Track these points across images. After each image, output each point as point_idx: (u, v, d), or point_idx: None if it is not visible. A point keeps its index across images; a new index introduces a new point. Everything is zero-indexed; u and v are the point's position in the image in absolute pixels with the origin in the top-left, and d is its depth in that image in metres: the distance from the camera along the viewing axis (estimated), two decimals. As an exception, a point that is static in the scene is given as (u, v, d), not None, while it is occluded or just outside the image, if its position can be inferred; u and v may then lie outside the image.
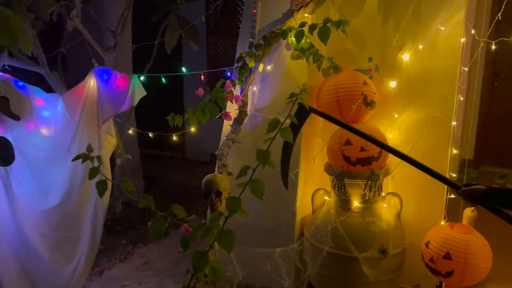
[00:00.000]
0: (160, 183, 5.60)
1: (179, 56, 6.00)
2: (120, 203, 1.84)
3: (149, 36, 3.80)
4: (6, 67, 2.71)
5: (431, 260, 2.30)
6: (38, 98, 2.68)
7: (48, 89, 2.87)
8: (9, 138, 2.53)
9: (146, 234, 4.13)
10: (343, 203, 2.56)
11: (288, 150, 2.36)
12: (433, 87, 2.65)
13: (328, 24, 2.38)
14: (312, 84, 2.70)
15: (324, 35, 2.37)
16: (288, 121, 1.99)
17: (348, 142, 2.48)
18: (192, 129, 2.71)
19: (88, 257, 2.87)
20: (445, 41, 2.59)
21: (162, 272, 3.40)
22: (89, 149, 1.68)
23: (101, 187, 1.71)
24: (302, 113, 2.10)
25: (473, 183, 1.71)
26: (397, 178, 2.66)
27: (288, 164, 2.39)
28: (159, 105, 5.18)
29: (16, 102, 2.55)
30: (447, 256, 2.22)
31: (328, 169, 2.62)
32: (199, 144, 6.36)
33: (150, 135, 3.11)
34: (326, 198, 2.70)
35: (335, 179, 2.55)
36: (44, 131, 2.70)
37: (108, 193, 2.77)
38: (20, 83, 2.61)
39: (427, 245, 2.33)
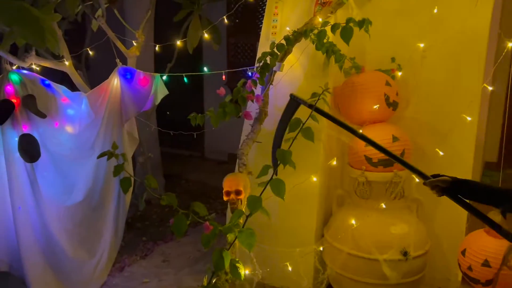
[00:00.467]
0: (179, 182, 5.66)
1: (200, 56, 6.04)
2: (143, 200, 1.86)
3: (170, 36, 3.84)
4: (33, 66, 2.77)
5: (469, 268, 2.21)
6: (63, 96, 2.74)
7: (72, 88, 2.93)
8: (35, 135, 2.60)
9: (166, 232, 4.18)
10: (365, 204, 2.54)
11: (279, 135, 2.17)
12: (457, 87, 2.60)
13: (351, 24, 2.36)
14: (333, 84, 2.69)
15: (346, 35, 2.35)
16: (309, 122, 2.00)
17: (370, 143, 2.45)
18: (213, 128, 2.73)
19: (110, 253, 2.93)
20: (470, 40, 2.55)
21: (181, 270, 3.43)
22: (115, 146, 1.71)
23: (125, 184, 1.74)
24: (292, 106, 2.06)
25: (441, 174, 1.73)
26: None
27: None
28: (179, 104, 5.24)
29: (43, 100, 2.61)
30: (485, 264, 2.15)
31: (349, 169, 2.61)
32: (217, 144, 6.39)
33: (171, 133, 3.14)
34: (347, 199, 2.68)
35: (356, 180, 2.53)
36: (69, 128, 2.76)
37: (130, 190, 2.81)
38: (47, 82, 2.68)
39: (463, 253, 2.26)
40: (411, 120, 2.72)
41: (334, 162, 2.60)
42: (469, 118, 2.52)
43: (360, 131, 2.52)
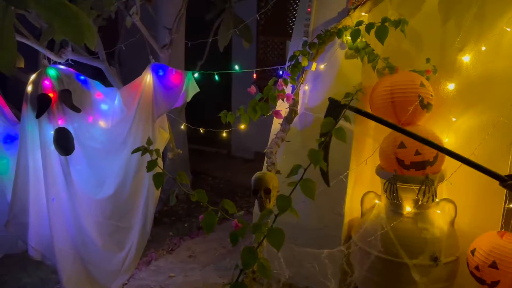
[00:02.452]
0: (206, 178, 5.70)
1: (229, 54, 6.08)
2: (174, 195, 1.87)
3: (200, 34, 3.87)
4: (69, 62, 2.84)
5: (476, 268, 2.20)
6: (97, 91, 2.80)
7: (105, 84, 2.99)
8: (70, 129, 2.66)
9: (192, 228, 4.22)
10: (395, 207, 2.49)
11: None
12: (495, 90, 2.52)
13: (386, 24, 2.32)
14: (366, 85, 2.65)
15: (381, 35, 2.31)
16: (341, 122, 1.97)
17: (402, 145, 2.41)
18: (242, 126, 2.74)
19: (138, 247, 2.98)
20: (511, 42, 2.46)
21: (207, 266, 3.46)
22: (149, 142, 1.73)
23: (158, 179, 1.76)
24: (335, 110, 2.02)
25: None
26: (453, 183, 2.56)
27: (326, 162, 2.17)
28: (207, 102, 5.27)
29: (78, 95, 2.67)
30: (493, 265, 2.12)
31: (380, 172, 2.56)
32: (244, 142, 6.41)
33: (201, 131, 3.17)
34: (376, 201, 2.64)
35: (387, 183, 2.48)
36: (102, 123, 2.82)
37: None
38: (82, 77, 2.74)
39: (473, 252, 2.24)
40: (445, 122, 2.65)
41: (365, 164, 2.56)
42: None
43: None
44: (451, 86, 2.61)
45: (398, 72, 2.58)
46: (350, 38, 2.47)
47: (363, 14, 2.55)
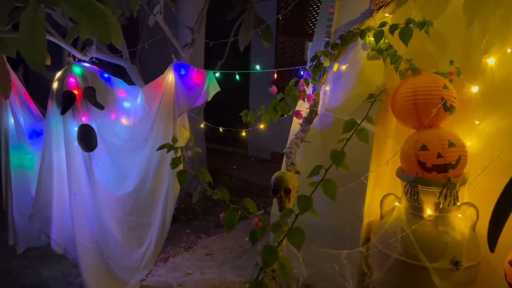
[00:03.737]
0: (223, 177, 5.74)
1: (247, 54, 6.10)
2: (198, 192, 1.90)
3: (220, 33, 3.90)
4: (94, 60, 2.89)
5: None
6: (120, 89, 2.84)
7: (127, 82, 3.03)
8: (93, 126, 2.71)
9: (209, 226, 4.26)
10: (415, 210, 2.47)
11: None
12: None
13: (411, 25, 2.30)
14: (388, 86, 2.63)
15: (406, 36, 2.30)
16: (364, 123, 1.97)
17: (424, 148, 2.39)
18: (261, 126, 2.75)
19: (157, 243, 3.00)
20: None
21: (223, 264, 3.49)
22: (174, 140, 1.76)
23: (181, 176, 1.78)
24: None
25: None
26: (475, 187, 2.52)
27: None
28: (225, 101, 5.31)
29: (102, 92, 2.71)
30: None
31: (401, 174, 2.54)
32: (261, 142, 6.43)
33: (220, 129, 3.19)
34: (397, 203, 2.62)
35: (408, 185, 2.46)
36: (124, 121, 2.85)
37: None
38: (106, 75, 2.78)
39: (510, 263, 2.16)
40: (468, 125, 2.62)
41: (386, 166, 2.55)
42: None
43: (416, 134, 2.48)
44: (475, 89, 2.58)
45: (421, 74, 2.56)
46: (373, 39, 2.46)
47: (386, 15, 2.53)
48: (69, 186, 2.71)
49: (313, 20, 5.64)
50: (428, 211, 2.42)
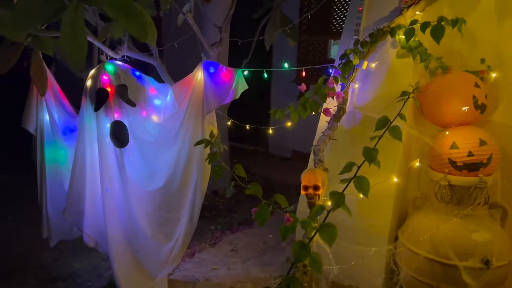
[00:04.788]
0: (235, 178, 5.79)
1: (269, 52, 6.12)
2: (232, 187, 1.93)
3: (244, 32, 3.93)
4: (125, 58, 2.96)
5: None
6: (151, 87, 2.89)
7: (155, 80, 3.09)
8: (125, 122, 2.76)
9: (232, 223, 4.31)
10: (445, 208, 2.46)
11: None
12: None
13: (443, 23, 2.29)
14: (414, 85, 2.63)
15: (438, 34, 2.29)
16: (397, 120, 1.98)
17: (455, 146, 2.38)
18: (289, 124, 2.77)
19: (185, 238, 3.05)
20: None
21: (248, 260, 3.53)
22: (212, 135, 1.79)
23: (217, 171, 1.82)
24: None
25: None
26: (506, 186, 2.50)
27: None
28: (247, 100, 5.35)
29: (133, 90, 2.77)
30: None
31: (430, 172, 2.54)
32: (282, 140, 6.45)
33: (247, 127, 3.22)
34: (425, 202, 2.61)
35: (437, 184, 2.46)
36: (155, 118, 2.91)
37: (207, 178, 2.92)
38: (137, 73, 2.84)
39: None
40: (499, 125, 2.60)
41: (417, 164, 2.54)
42: None
43: (447, 132, 2.47)
44: (506, 87, 2.55)
45: (451, 72, 2.55)
46: (403, 37, 2.46)
47: (417, 13, 2.53)
48: (101, 181, 2.78)
49: (337, 18, 5.63)
50: (459, 210, 2.41)
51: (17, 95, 3.72)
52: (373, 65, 2.72)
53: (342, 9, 5.56)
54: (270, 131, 3.20)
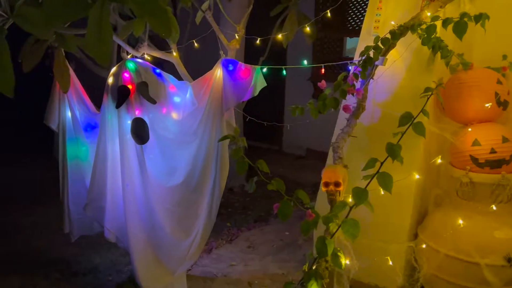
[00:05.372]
0: (258, 173, 5.80)
1: (284, 50, 6.11)
2: (254, 183, 1.95)
3: (260, 29, 3.93)
4: (145, 56, 2.99)
5: None
6: (171, 84, 2.92)
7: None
8: (146, 119, 2.80)
9: (248, 220, 4.32)
10: (466, 206, 2.45)
11: None
12: None
13: (465, 19, 2.28)
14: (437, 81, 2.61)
15: (460, 30, 2.28)
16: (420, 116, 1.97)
17: (477, 143, 2.37)
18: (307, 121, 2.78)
19: (203, 234, 3.08)
20: None
21: (265, 257, 3.54)
22: (237, 131, 1.81)
23: (241, 166, 1.84)
24: None
25: None
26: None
27: None
28: (260, 97, 5.37)
29: (154, 87, 2.80)
30: None
31: (451, 169, 2.53)
32: (296, 139, 6.44)
33: (265, 124, 3.23)
34: (446, 199, 2.60)
35: (459, 181, 2.45)
36: (175, 115, 2.94)
37: (226, 175, 2.94)
38: (158, 71, 2.87)
39: None
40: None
41: (439, 160, 2.53)
42: None
43: (469, 129, 2.46)
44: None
45: (473, 68, 2.53)
46: (424, 33, 2.45)
47: (438, 9, 2.51)
48: (122, 177, 2.82)
49: (353, 16, 5.61)
50: (480, 207, 2.40)
51: (39, 93, 3.79)
52: (393, 61, 2.71)
53: (358, 7, 5.53)
54: (287, 127, 3.21)
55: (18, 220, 4.11)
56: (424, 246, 2.54)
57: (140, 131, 2.78)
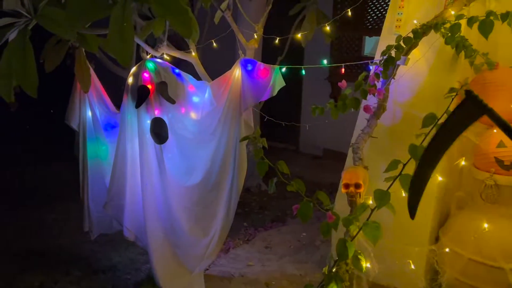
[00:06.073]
0: (275, 173, 5.78)
1: (302, 49, 6.08)
2: (274, 184, 1.93)
3: (278, 29, 3.91)
4: (164, 56, 3.00)
5: None
6: (190, 84, 2.92)
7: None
8: (165, 119, 2.81)
9: (265, 220, 4.31)
10: (490, 209, 2.40)
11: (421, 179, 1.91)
12: None
13: (491, 17, 2.22)
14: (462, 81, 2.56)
15: (486, 29, 2.22)
16: (445, 118, 1.93)
17: (502, 144, 2.31)
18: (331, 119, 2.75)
19: (221, 234, 3.08)
20: None
21: (283, 257, 3.52)
22: (258, 132, 1.80)
23: (261, 167, 1.83)
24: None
25: None
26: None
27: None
28: (277, 97, 5.35)
29: (173, 87, 2.81)
30: None
31: (475, 171, 2.47)
32: (312, 139, 6.40)
33: (283, 124, 3.21)
34: (469, 201, 2.55)
35: (483, 183, 2.39)
36: (193, 115, 2.94)
37: (243, 175, 2.94)
38: (177, 70, 2.88)
39: None
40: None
41: (463, 163, 2.48)
42: None
43: (494, 130, 2.40)
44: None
45: (498, 68, 2.47)
46: (447, 32, 2.39)
47: (462, 7, 2.46)
48: (141, 176, 2.84)
49: (372, 14, 5.54)
50: (505, 210, 2.34)
51: (60, 92, 3.84)
52: (415, 61, 2.66)
53: (377, 5, 5.46)
54: (306, 127, 3.19)
55: (39, 217, 4.19)
56: (446, 249, 2.49)
57: (159, 131, 2.80)
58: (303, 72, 2.92)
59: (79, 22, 1.92)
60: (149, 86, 2.75)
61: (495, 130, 2.39)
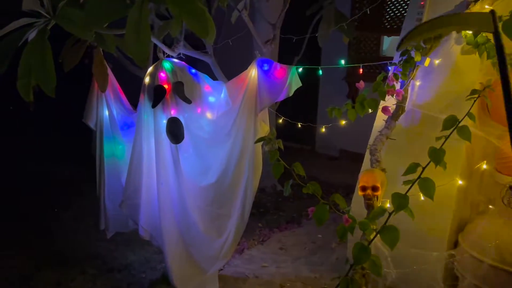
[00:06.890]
0: (290, 174, 5.74)
1: (318, 49, 6.03)
2: (289, 186, 1.91)
3: (294, 28, 3.88)
4: (181, 56, 3.00)
5: None
6: (206, 84, 2.92)
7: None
8: (181, 119, 2.81)
9: (280, 221, 4.28)
10: (512, 214, 2.33)
11: None
12: None
13: (517, 16, 2.15)
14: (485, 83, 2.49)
15: (510, 29, 2.15)
16: (466, 120, 1.88)
17: (525, 148, 2.24)
18: (343, 121, 2.73)
19: (235, 234, 3.07)
20: None
21: (298, 259, 3.50)
22: (273, 133, 1.78)
23: (276, 169, 1.81)
24: None
25: None
26: None
27: None
28: (294, 98, 5.31)
29: (189, 87, 2.81)
30: None
31: (496, 175, 2.41)
32: (329, 139, 6.34)
33: (299, 125, 3.19)
34: (490, 206, 2.48)
35: (505, 188, 2.32)
36: (209, 115, 2.94)
37: (258, 175, 2.92)
38: (193, 70, 2.88)
39: None
40: None
41: (484, 166, 2.42)
42: None
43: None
44: None
45: (522, 69, 2.40)
46: (469, 32, 2.33)
47: (486, 7, 2.39)
48: (157, 175, 2.84)
49: (391, 14, 5.46)
50: (528, 216, 2.28)
51: (78, 91, 3.88)
52: (437, 62, 2.61)
53: (397, 4, 5.38)
54: (323, 129, 3.16)
55: (56, 215, 4.25)
56: (466, 255, 2.43)
57: (175, 131, 2.80)
58: (320, 72, 2.89)
59: (97, 23, 1.93)
60: (166, 86, 2.75)
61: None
